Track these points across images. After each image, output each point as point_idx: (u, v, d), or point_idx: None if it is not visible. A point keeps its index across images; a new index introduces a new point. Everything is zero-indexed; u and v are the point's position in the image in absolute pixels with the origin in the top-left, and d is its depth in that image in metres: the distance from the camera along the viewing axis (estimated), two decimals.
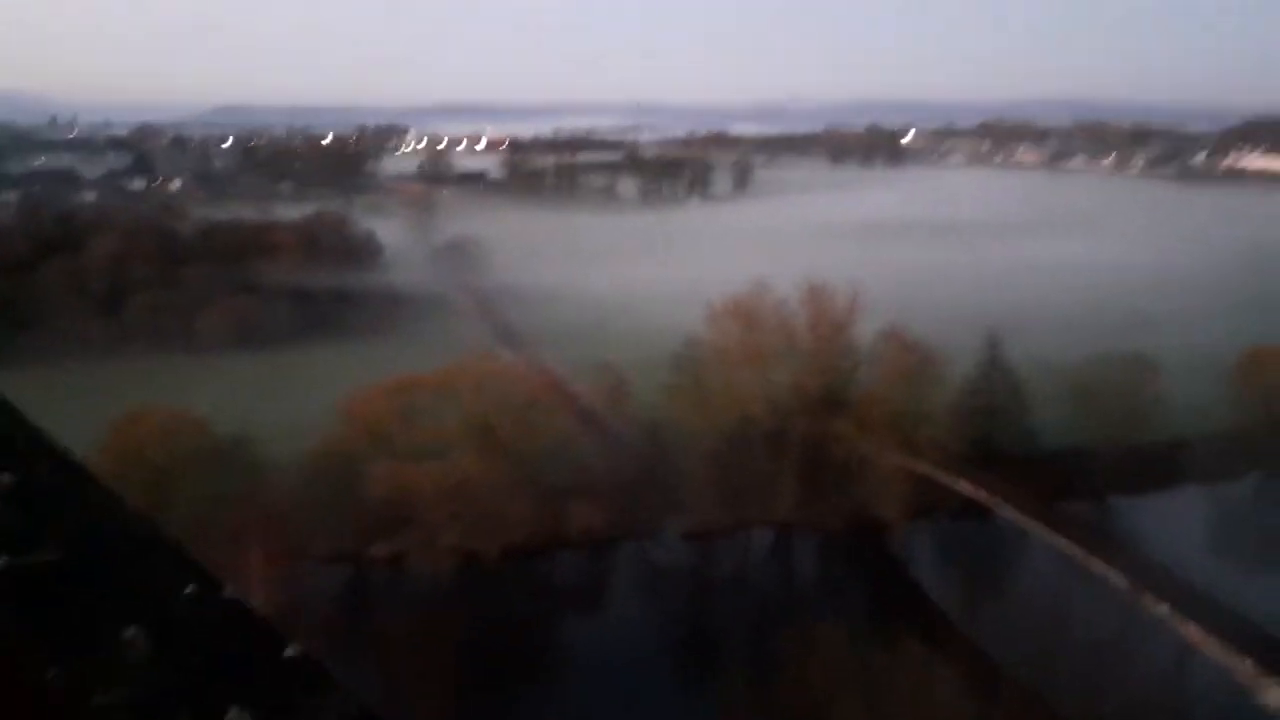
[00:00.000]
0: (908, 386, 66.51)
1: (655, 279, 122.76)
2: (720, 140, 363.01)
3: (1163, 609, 47.39)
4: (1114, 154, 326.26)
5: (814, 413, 67.66)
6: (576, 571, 64.05)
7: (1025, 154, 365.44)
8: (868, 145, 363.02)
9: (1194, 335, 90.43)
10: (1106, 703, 44.21)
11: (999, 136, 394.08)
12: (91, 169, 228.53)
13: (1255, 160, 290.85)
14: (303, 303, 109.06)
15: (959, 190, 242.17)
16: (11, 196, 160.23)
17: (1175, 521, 66.08)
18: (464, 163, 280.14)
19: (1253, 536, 64.21)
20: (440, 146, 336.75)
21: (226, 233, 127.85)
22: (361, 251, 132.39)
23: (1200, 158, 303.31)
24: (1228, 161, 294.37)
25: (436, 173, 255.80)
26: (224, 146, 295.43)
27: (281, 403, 78.63)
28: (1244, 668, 41.14)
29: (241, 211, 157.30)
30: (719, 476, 66.70)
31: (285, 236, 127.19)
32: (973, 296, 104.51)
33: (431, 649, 50.55)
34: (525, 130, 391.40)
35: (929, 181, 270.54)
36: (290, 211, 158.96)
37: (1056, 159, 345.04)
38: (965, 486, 62.73)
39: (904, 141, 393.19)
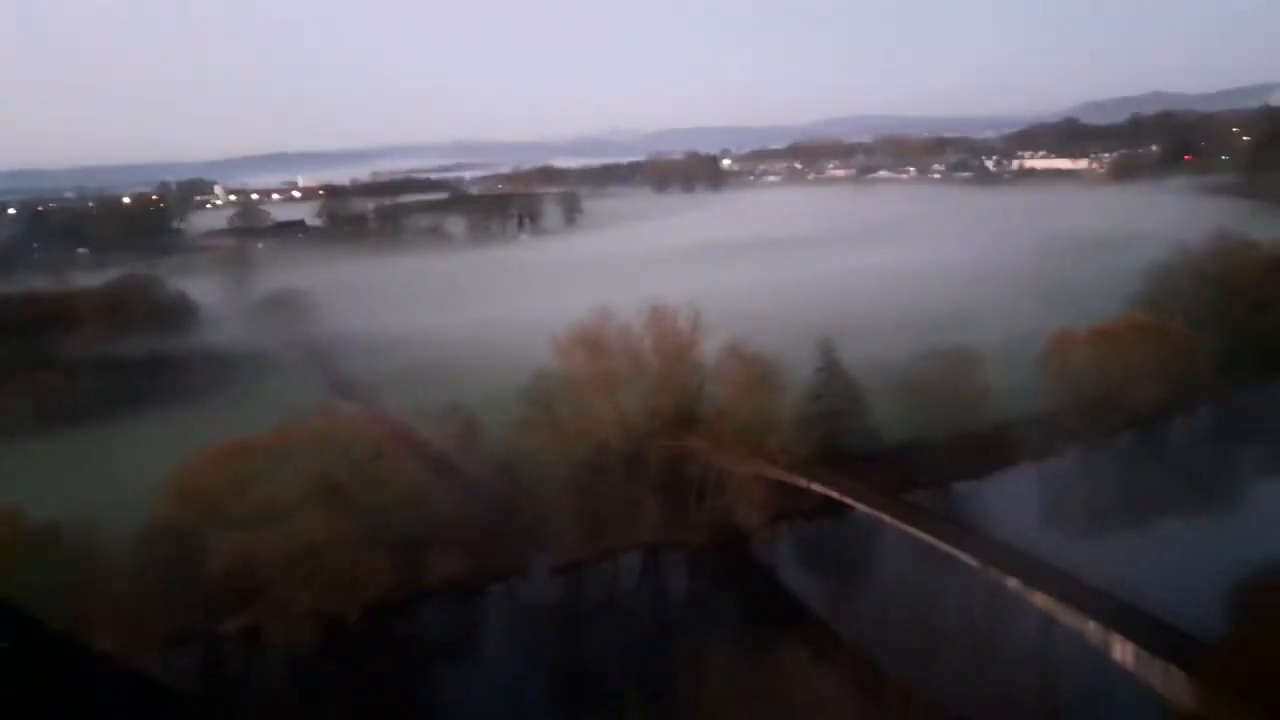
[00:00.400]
0: (753, 398, 68.14)
1: (494, 317, 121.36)
2: (546, 174, 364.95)
3: (1011, 582, 50.21)
4: (914, 164, 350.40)
5: (667, 432, 68.27)
6: (445, 621, 61.65)
7: (834, 170, 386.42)
8: (689, 171, 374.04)
9: (1006, 324, 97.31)
10: (976, 677, 46.30)
11: (809, 155, 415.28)
12: None
13: (1038, 161, 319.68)
14: (113, 374, 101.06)
15: (778, 208, 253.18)
16: None
17: (1010, 500, 70.42)
18: (279, 213, 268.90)
19: (1080, 507, 69.22)
20: (251, 198, 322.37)
21: (19, 305, 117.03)
22: (174, 314, 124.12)
23: (991, 162, 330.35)
24: (1016, 163, 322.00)
25: (249, 225, 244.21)
26: (9, 214, 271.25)
27: (98, 482, 72.34)
28: (1092, 629, 43.97)
29: (35, 282, 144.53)
30: (580, 506, 66.12)
31: (87, 304, 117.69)
32: (803, 307, 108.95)
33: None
34: (341, 176, 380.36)
35: (749, 202, 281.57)
36: (91, 278, 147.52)
37: (864, 172, 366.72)
38: (817, 487, 64.80)
39: (723, 165, 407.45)
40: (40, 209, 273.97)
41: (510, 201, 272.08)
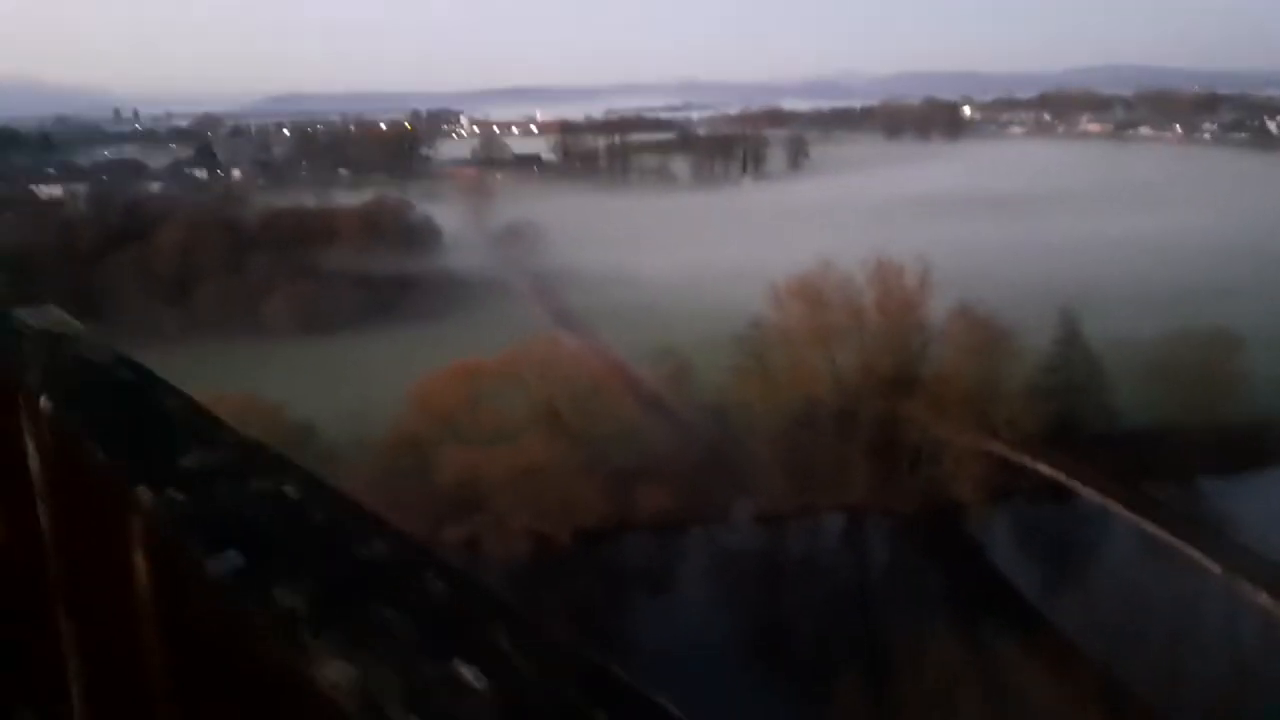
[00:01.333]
0: (981, 364, 64.84)
1: (714, 259, 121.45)
2: (773, 116, 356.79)
3: (1260, 596, 45.62)
4: (1181, 121, 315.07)
5: (884, 393, 66.41)
6: (647, 555, 63.84)
7: (1088, 124, 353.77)
8: (924, 119, 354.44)
9: (1274, 310, 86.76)
10: (1201, 693, 42.79)
11: (1059, 107, 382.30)
12: (155, 159, 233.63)
13: None
14: (365, 288, 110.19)
15: (1022, 162, 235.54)
16: (80, 188, 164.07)
17: (1264, 504, 63.48)
18: (517, 146, 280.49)
19: None
20: (493, 130, 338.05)
21: (288, 220, 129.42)
22: (420, 236, 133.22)
23: (1275, 124, 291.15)
24: None
25: (490, 157, 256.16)
26: (283, 134, 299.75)
27: (348, 388, 79.50)
28: None
29: (301, 198, 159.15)
30: (787, 459, 65.96)
31: (346, 222, 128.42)
32: (1044, 271, 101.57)
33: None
34: (576, 112, 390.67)
35: (990, 154, 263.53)
36: (349, 198, 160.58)
37: (1121, 128, 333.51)
38: (1043, 467, 61.17)
39: (963, 113, 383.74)
40: (309, 131, 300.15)
41: (734, 143, 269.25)
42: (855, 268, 70.53)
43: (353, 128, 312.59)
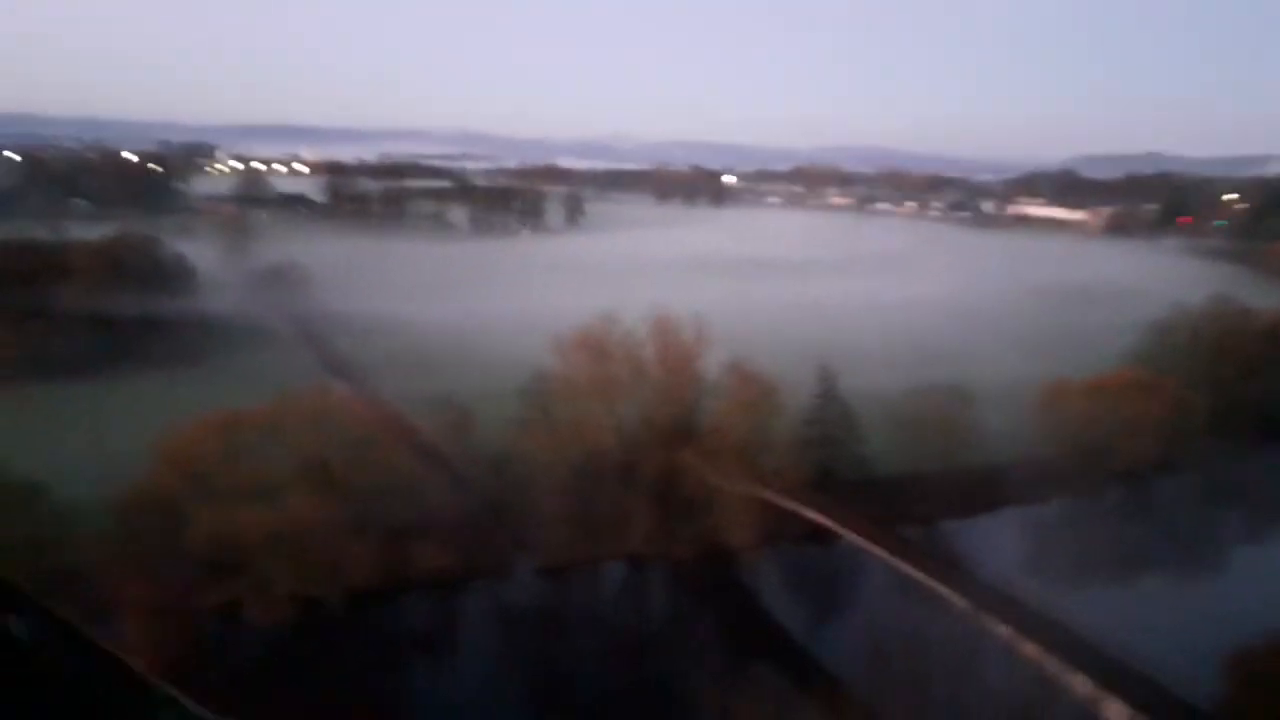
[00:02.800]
0: (751, 417, 68.09)
1: (494, 310, 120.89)
2: (551, 173, 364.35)
3: (1002, 629, 50.21)
4: (914, 199, 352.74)
5: (663, 444, 68.07)
6: (423, 614, 61.15)
7: (835, 197, 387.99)
8: (691, 184, 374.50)
9: (1000, 368, 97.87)
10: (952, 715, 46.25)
11: (811, 180, 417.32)
12: None
13: (1037, 208, 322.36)
14: (104, 330, 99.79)
15: (778, 230, 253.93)
16: None
17: (995, 543, 70.64)
18: (282, 185, 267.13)
19: (1064, 556, 69.51)
20: (255, 167, 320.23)
21: (12, 253, 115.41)
22: (170, 275, 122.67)
23: (990, 205, 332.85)
24: (1013, 209, 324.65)
25: (252, 194, 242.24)
26: (8, 158, 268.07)
27: (85, 441, 71.41)
28: (1083, 684, 44.01)
29: (31, 230, 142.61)
30: (569, 510, 65.81)
31: (83, 257, 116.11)
32: (800, 331, 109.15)
33: (275, 699, 47.03)
34: (346, 154, 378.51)
35: (751, 221, 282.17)
36: (87, 231, 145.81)
37: (863, 203, 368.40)
38: (809, 513, 64.71)
39: (725, 182, 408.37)
40: (39, 155, 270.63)
41: (514, 196, 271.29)
42: (636, 322, 72.20)
43: (93, 155, 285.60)
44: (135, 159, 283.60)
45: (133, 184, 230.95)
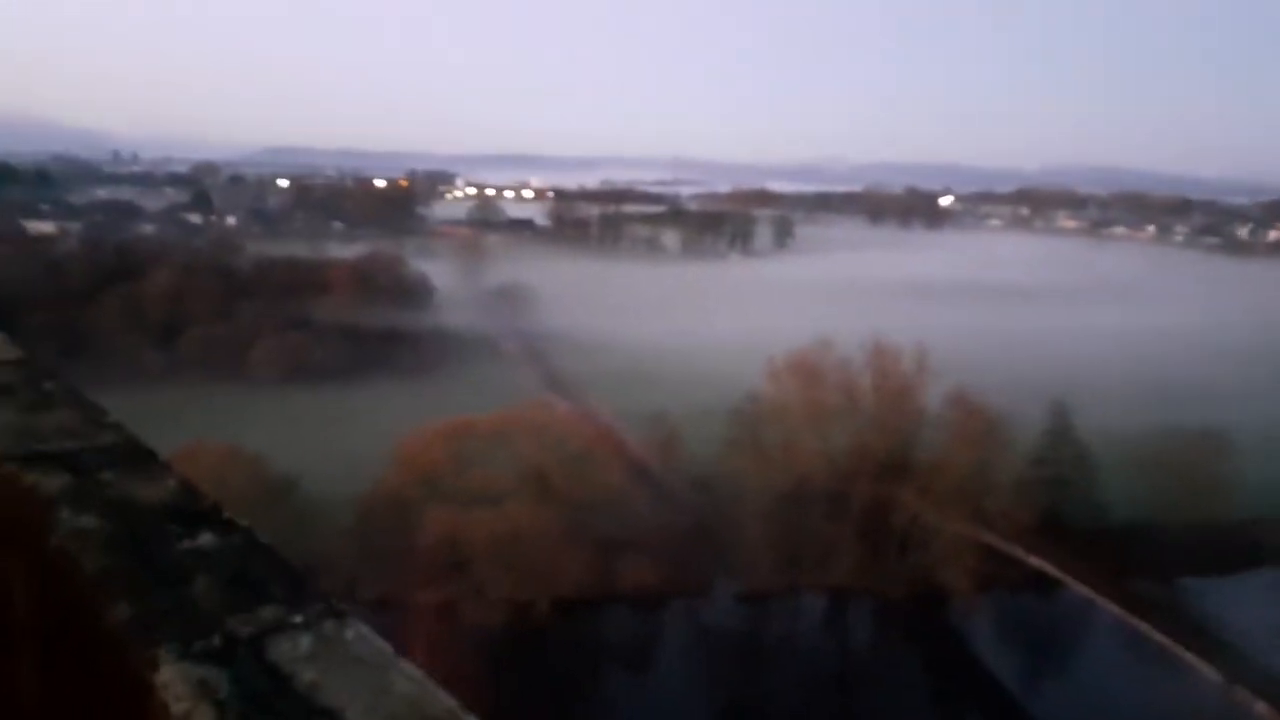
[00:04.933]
0: (975, 452, 64.80)
1: (705, 330, 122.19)
2: (760, 196, 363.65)
3: (1259, 706, 45.00)
4: (1155, 223, 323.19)
5: (876, 475, 66.14)
6: (626, 628, 62.47)
7: (1065, 221, 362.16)
8: (906, 206, 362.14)
9: (1258, 410, 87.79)
10: None
11: (1038, 202, 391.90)
12: (151, 202, 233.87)
13: None
14: (355, 340, 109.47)
15: (1003, 254, 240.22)
16: (75, 226, 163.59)
17: (1250, 607, 63.20)
18: (511, 210, 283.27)
19: None
20: (488, 193, 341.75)
21: (280, 269, 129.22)
22: (414, 292, 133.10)
23: (1244, 230, 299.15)
24: (1273, 234, 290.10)
25: (485, 218, 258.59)
26: (279, 185, 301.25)
27: (332, 441, 78.37)
28: None
29: (295, 249, 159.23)
30: (775, 536, 65.20)
31: (339, 274, 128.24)
32: (1029, 362, 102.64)
33: (478, 700, 49.29)
34: (569, 181, 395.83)
35: (970, 244, 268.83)
36: (343, 250, 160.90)
37: (1097, 226, 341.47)
38: (1034, 560, 60.76)
39: (943, 204, 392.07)
40: (305, 183, 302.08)
41: (723, 220, 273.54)
42: (852, 348, 70.77)
43: (349, 183, 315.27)
44: (385, 186, 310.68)
45: (382, 208, 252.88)
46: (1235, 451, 70.97)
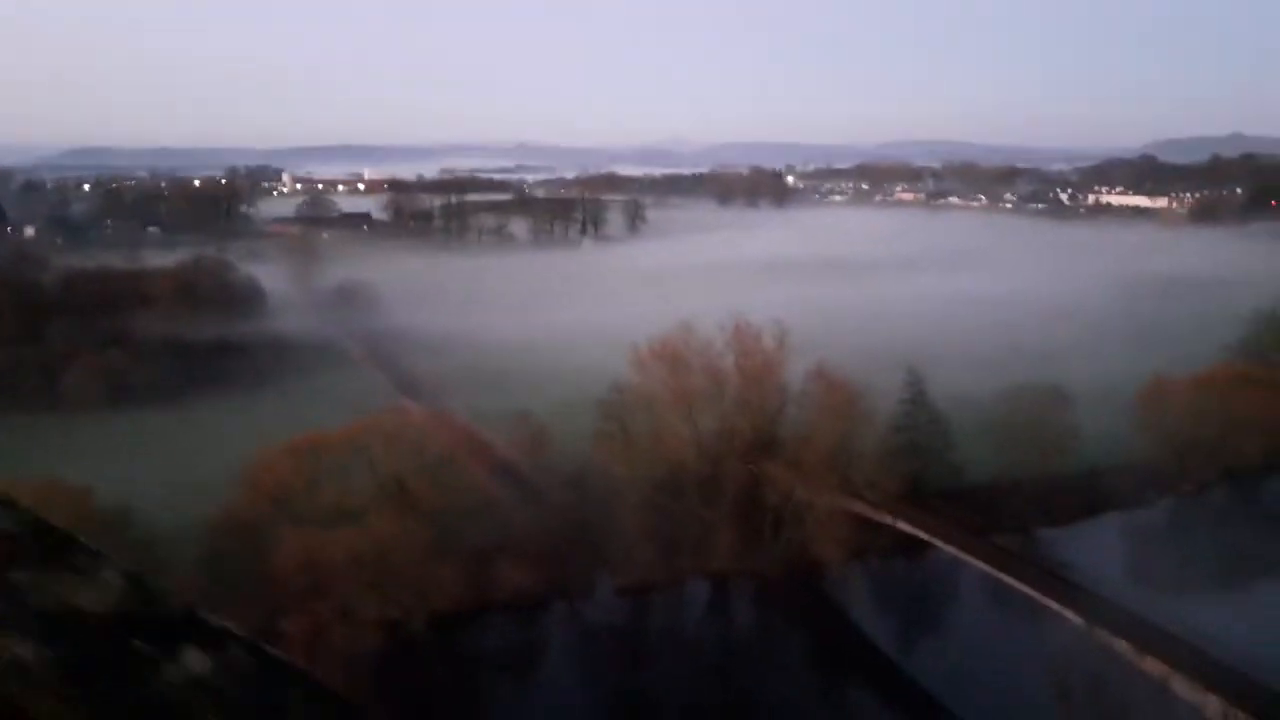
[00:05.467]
0: (838, 425, 65.57)
1: (563, 321, 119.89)
2: (609, 181, 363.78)
3: (1120, 644, 47.05)
4: (985, 192, 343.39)
5: (746, 455, 65.99)
6: (507, 637, 59.94)
7: (902, 193, 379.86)
8: (752, 186, 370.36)
9: (1094, 365, 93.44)
10: None
11: (876, 176, 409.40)
12: None
13: (1115, 196, 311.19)
14: (182, 355, 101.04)
15: (848, 228, 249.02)
16: None
17: (1098, 549, 66.83)
18: (345, 204, 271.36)
19: (1172, 561, 65.45)
20: (318, 188, 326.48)
21: (91, 282, 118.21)
22: (244, 299, 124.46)
23: (1065, 195, 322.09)
24: (1091, 198, 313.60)
25: (316, 214, 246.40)
26: (83, 190, 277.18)
27: (167, 466, 71.91)
28: (1212, 704, 40.78)
29: (107, 259, 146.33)
30: (650, 527, 64.06)
31: (158, 284, 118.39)
32: (880, 332, 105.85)
33: None
34: (406, 171, 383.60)
35: (816, 220, 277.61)
36: (161, 258, 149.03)
37: (932, 197, 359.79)
38: (903, 525, 62.04)
39: (788, 182, 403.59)
40: (113, 186, 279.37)
41: (573, 206, 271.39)
42: (714, 331, 70.25)
43: (163, 184, 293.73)
44: (203, 185, 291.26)
45: (202, 210, 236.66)
46: (1075, 406, 74.93)
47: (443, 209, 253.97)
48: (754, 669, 58.00)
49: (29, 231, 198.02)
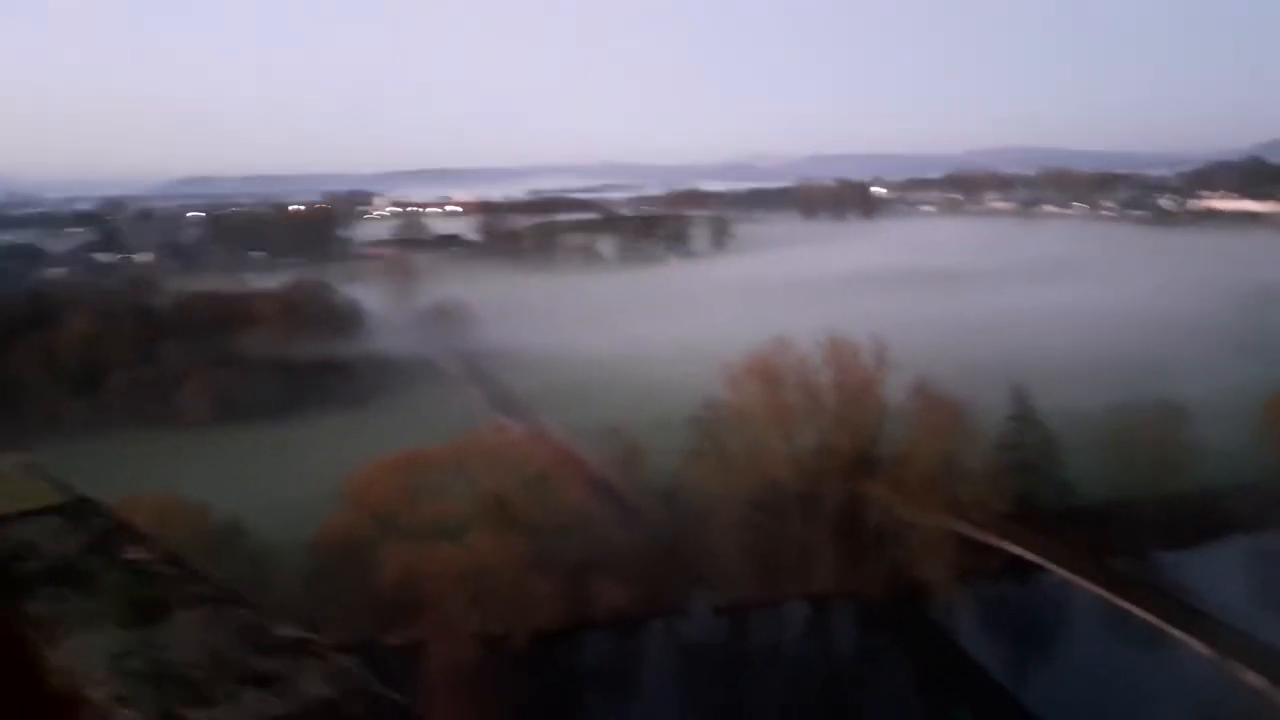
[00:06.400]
0: (942, 443, 63.71)
1: (652, 338, 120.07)
2: (694, 197, 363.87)
3: (1250, 675, 44.31)
4: (1082, 199, 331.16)
5: (844, 474, 64.64)
6: (607, 653, 59.89)
7: (995, 202, 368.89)
8: (839, 198, 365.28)
9: (1210, 379, 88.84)
10: None
11: (967, 186, 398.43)
12: (57, 244, 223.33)
13: (1220, 201, 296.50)
14: (287, 374, 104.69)
15: (940, 239, 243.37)
16: None
17: (1223, 577, 63.18)
18: (437, 226, 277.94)
19: None
20: (412, 211, 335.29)
21: (202, 304, 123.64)
22: (344, 319, 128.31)
23: (1168, 201, 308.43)
24: (1195, 203, 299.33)
25: (411, 236, 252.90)
26: (192, 217, 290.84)
27: (273, 481, 74.21)
28: None
29: (215, 283, 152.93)
30: (747, 545, 63.25)
31: (264, 306, 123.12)
32: (982, 347, 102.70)
33: None
34: (495, 192, 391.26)
35: (907, 232, 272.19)
36: (265, 281, 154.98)
37: (1027, 206, 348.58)
38: (1013, 547, 59.82)
39: (875, 193, 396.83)
40: (221, 213, 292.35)
41: (658, 223, 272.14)
42: (807, 346, 69.18)
43: (266, 210, 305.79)
44: (304, 210, 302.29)
45: (304, 234, 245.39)
46: (1192, 422, 71.28)
47: (531, 229, 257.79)
48: (857, 692, 56.69)
49: (144, 258, 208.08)
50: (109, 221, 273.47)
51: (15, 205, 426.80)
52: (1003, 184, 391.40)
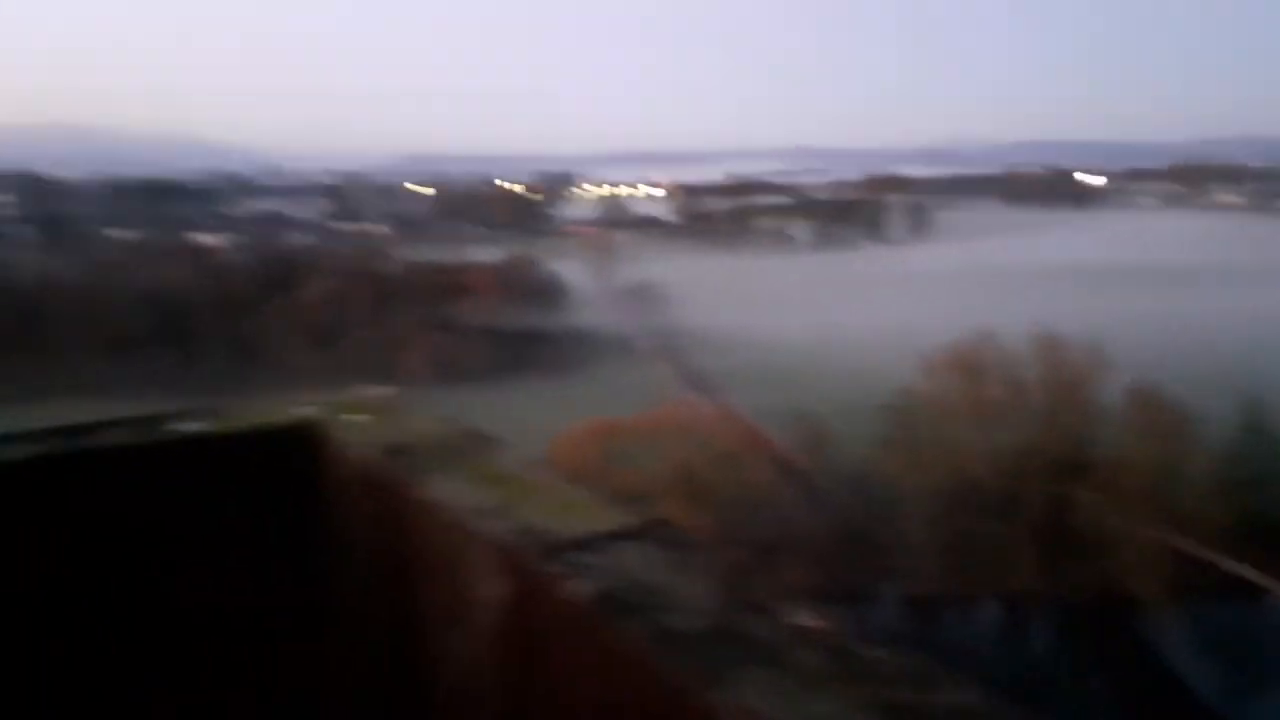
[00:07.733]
0: (1161, 451, 60.04)
1: (844, 323, 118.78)
2: (891, 182, 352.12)
3: None
4: None
5: (1049, 475, 62.17)
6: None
7: (1223, 196, 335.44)
8: (1046, 187, 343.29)
9: None
10: None
11: (1192, 177, 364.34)
12: (301, 212, 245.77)
13: None
14: (496, 341, 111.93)
15: (1161, 233, 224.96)
16: (233, 237, 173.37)
17: None
18: (637, 207, 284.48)
19: None
20: (613, 191, 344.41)
21: (426, 273, 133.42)
22: (549, 293, 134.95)
23: None
24: None
25: (612, 216, 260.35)
26: (420, 191, 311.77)
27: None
28: None
29: (438, 254, 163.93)
30: (940, 539, 62.20)
31: (479, 277, 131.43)
32: (1205, 349, 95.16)
33: None
34: (692, 175, 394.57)
35: (1124, 225, 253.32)
36: (481, 254, 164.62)
37: (1262, 200, 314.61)
38: (1232, 564, 55.83)
39: (1087, 182, 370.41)
40: (442, 188, 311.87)
41: (854, 208, 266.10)
42: (1012, 340, 66.89)
43: (483, 187, 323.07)
44: (516, 188, 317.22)
45: (515, 210, 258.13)
46: None
47: (726, 212, 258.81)
48: (1055, 698, 54.84)
49: (378, 228, 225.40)
50: (348, 193, 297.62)
51: (267, 177, 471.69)
52: (1233, 175, 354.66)
